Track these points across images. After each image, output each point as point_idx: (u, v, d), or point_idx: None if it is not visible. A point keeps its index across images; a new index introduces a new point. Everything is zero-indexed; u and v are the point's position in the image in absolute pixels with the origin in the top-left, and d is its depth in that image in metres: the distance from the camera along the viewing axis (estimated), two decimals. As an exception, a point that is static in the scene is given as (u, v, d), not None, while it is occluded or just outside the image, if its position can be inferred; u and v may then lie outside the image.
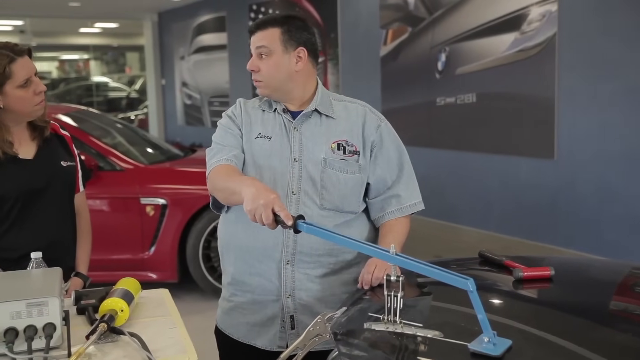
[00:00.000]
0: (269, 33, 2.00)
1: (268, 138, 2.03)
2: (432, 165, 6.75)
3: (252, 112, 2.09)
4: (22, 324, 1.45)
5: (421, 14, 6.75)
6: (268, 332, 2.04)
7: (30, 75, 2.04)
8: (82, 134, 4.91)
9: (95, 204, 4.63)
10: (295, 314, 2.01)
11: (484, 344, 1.36)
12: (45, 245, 1.98)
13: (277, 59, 1.99)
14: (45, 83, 2.12)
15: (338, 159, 2.00)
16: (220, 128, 2.09)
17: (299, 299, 2.00)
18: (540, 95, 5.56)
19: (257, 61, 2.01)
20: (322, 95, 2.08)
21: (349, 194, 2.01)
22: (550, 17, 5.39)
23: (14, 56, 2.00)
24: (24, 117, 2.08)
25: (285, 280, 1.99)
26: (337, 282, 2.01)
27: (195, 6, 11.21)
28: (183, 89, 12.04)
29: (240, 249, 2.04)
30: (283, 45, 1.99)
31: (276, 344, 2.03)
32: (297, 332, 2.00)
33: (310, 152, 2.01)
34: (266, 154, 2.01)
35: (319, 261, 1.99)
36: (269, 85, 2.02)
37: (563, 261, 2.32)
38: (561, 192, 5.52)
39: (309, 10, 8.47)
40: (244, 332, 2.07)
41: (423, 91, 6.78)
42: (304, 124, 2.04)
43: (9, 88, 2.00)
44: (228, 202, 1.97)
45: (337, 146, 2.02)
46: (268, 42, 1.99)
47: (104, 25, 16.34)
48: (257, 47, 2.00)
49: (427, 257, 4.75)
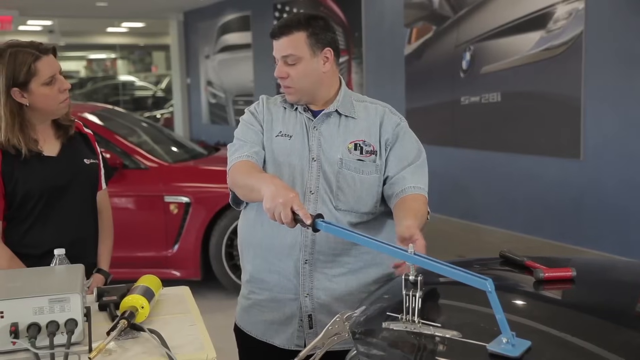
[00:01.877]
0: (294, 38, 1.94)
1: (289, 136, 2.02)
2: (456, 165, 6.71)
3: (274, 109, 2.07)
4: (45, 320, 1.47)
5: (446, 12, 6.71)
6: (286, 330, 2.04)
7: (55, 73, 2.06)
8: (107, 133, 4.97)
9: (120, 202, 4.69)
10: (313, 313, 2.00)
11: (503, 345, 1.35)
12: (68, 242, 2.01)
13: (306, 64, 1.95)
14: (73, 82, 2.17)
15: (354, 160, 1.98)
16: (242, 124, 2.08)
17: (317, 298, 1.99)
18: (567, 94, 5.50)
19: (285, 68, 1.96)
20: (345, 95, 2.05)
21: (364, 194, 1.98)
22: (577, 15, 5.32)
23: (39, 54, 2.03)
24: (49, 114, 2.11)
25: (303, 280, 1.99)
26: (355, 282, 2.00)
27: (220, 5, 11.27)
28: (208, 88, 12.11)
29: (260, 246, 2.04)
30: (310, 49, 1.95)
31: (294, 343, 2.03)
32: (316, 332, 1.99)
33: (328, 152, 1.99)
34: (286, 152, 2.01)
35: (337, 261, 1.98)
36: (299, 91, 1.99)
37: (585, 262, 2.29)
38: (587, 193, 5.45)
39: (333, 9, 8.46)
40: (262, 330, 2.08)
41: (447, 90, 6.75)
42: (323, 124, 2.02)
43: (34, 86, 2.03)
44: (248, 198, 1.98)
45: (355, 146, 2.00)
46: (294, 49, 1.94)
47: (130, 25, 16.50)
48: (283, 56, 1.95)
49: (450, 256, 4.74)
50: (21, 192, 2.05)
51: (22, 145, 2.04)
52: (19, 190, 2.05)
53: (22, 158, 2.05)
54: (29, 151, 2.06)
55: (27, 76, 2.01)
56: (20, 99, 2.04)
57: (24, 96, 2.03)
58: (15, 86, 2.02)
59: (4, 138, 2.03)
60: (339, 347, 1.65)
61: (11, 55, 2.01)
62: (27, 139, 2.05)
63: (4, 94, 2.01)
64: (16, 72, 2.00)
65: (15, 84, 2.01)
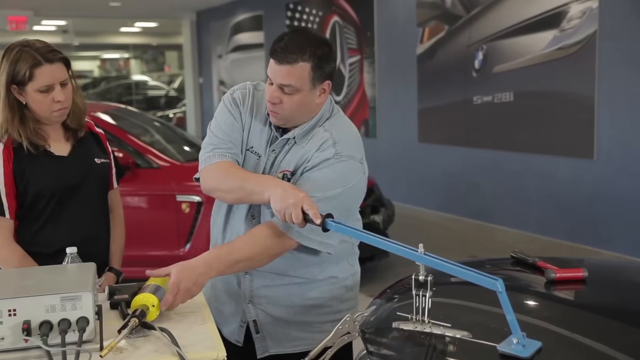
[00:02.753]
0: (298, 70, 1.80)
1: (258, 155, 1.95)
2: (469, 165, 6.69)
3: (257, 115, 1.97)
4: (57, 318, 1.48)
5: (458, 11, 6.69)
6: (232, 323, 2.07)
7: (54, 82, 2.05)
8: (120, 132, 4.99)
9: (132, 201, 4.70)
10: (257, 319, 2.03)
11: (513, 346, 1.35)
12: (80, 240, 2.03)
13: (303, 96, 1.84)
14: (86, 82, 2.17)
15: None
16: (224, 112, 1.97)
17: (259, 306, 2.01)
18: (580, 93, 5.47)
19: (280, 94, 1.84)
20: (313, 122, 1.92)
21: None
22: (591, 14, 5.29)
23: (41, 61, 2.02)
24: (43, 119, 2.11)
25: (244, 288, 2.02)
26: (296, 290, 1.99)
27: (233, 5, 11.30)
28: (220, 88, 12.14)
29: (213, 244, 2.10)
30: (311, 82, 1.83)
31: (234, 338, 2.07)
32: (263, 336, 2.03)
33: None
34: (252, 169, 1.94)
35: (280, 275, 1.98)
36: (286, 118, 1.89)
37: (598, 262, 2.27)
38: (601, 193, 5.42)
39: (345, 9, 8.46)
40: (215, 315, 2.04)
41: (460, 90, 6.72)
42: (283, 148, 1.94)
43: (29, 89, 2.04)
44: (242, 202, 1.92)
45: (282, 176, 1.91)
46: (296, 81, 1.81)
47: (143, 25, 16.56)
48: (282, 84, 1.82)
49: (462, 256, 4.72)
50: (33, 191, 2.07)
51: (23, 138, 2.05)
52: (30, 189, 2.07)
53: (28, 153, 2.06)
54: (34, 147, 2.07)
55: (23, 78, 2.03)
56: (18, 97, 2.06)
57: (21, 95, 2.06)
58: (14, 84, 2.04)
59: (2, 130, 2.06)
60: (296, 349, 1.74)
61: (17, 54, 2.03)
62: (29, 133, 2.06)
63: (4, 88, 2.04)
64: (15, 70, 2.02)
65: (14, 82, 2.04)
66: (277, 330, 2.02)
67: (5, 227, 2.06)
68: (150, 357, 1.48)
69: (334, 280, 2.03)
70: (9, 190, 2.04)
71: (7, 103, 2.05)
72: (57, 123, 2.15)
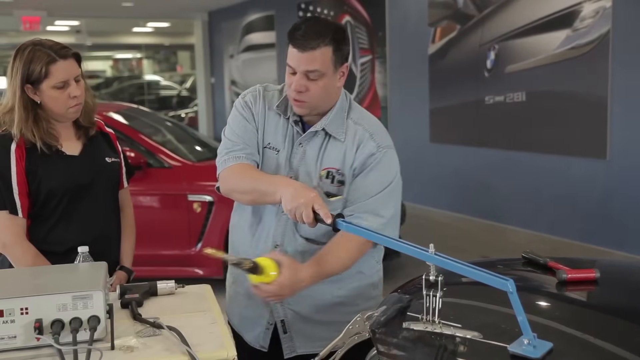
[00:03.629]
0: (321, 54, 1.83)
1: (276, 150, 1.96)
2: (481, 165, 6.67)
3: (269, 113, 1.98)
4: (68, 316, 1.49)
5: (470, 11, 6.67)
6: (255, 329, 2.06)
7: (69, 78, 2.08)
8: (132, 132, 5.01)
9: (144, 201, 4.73)
10: (286, 319, 2.02)
11: (524, 346, 1.34)
12: (91, 239, 2.03)
13: (327, 80, 1.86)
14: (99, 82, 2.19)
15: (327, 185, 1.92)
16: (237, 117, 1.99)
17: (289, 305, 2.00)
18: (593, 93, 5.43)
19: (306, 82, 1.85)
20: (337, 111, 1.95)
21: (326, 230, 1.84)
22: (604, 14, 5.26)
23: (56, 57, 2.05)
24: (58, 117, 2.13)
25: None
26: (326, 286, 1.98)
27: (244, 5, 11.32)
28: (232, 87, 12.16)
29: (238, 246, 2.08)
30: (334, 66, 1.86)
31: (259, 343, 2.05)
32: (291, 336, 2.03)
33: (306, 174, 1.94)
34: (273, 167, 1.96)
35: None
36: (312, 106, 1.90)
37: (610, 263, 2.26)
38: (614, 193, 5.38)
39: (357, 9, 8.45)
40: (238, 321, 2.09)
41: (472, 89, 6.70)
42: (310, 142, 1.95)
43: (45, 86, 2.06)
44: (256, 203, 1.93)
45: (327, 174, 1.92)
46: (321, 66, 1.83)
47: (156, 25, 16.64)
48: (307, 70, 1.84)
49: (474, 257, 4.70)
50: (45, 190, 2.08)
51: (37, 139, 2.07)
52: (42, 188, 2.08)
53: (41, 152, 2.07)
54: (47, 147, 2.08)
55: (39, 76, 2.04)
56: (33, 96, 2.08)
57: (36, 94, 2.07)
58: (29, 83, 2.06)
59: (17, 130, 2.07)
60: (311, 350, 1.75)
61: (29, 53, 2.05)
62: (42, 133, 2.08)
63: (19, 88, 2.06)
64: (30, 70, 2.04)
65: (29, 81, 2.05)
66: (306, 328, 2.02)
67: (18, 225, 2.08)
68: (161, 356, 1.48)
69: (361, 276, 2.03)
70: (22, 189, 2.06)
71: (22, 103, 2.06)
72: (71, 120, 2.17)
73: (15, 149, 2.06)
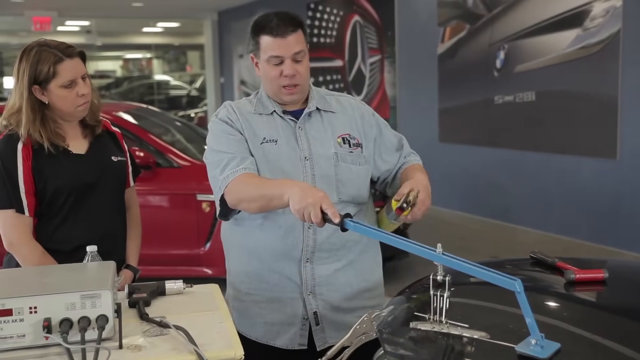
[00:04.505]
0: (299, 35, 1.99)
1: (274, 141, 2.00)
2: (490, 165, 6.65)
3: (250, 117, 2.04)
4: (77, 315, 1.49)
5: (480, 11, 6.65)
6: (289, 330, 2.03)
7: (76, 77, 2.09)
8: (141, 131, 5.02)
9: (153, 200, 4.74)
10: (318, 310, 2.02)
11: (532, 347, 1.34)
12: (98, 238, 2.04)
13: (307, 59, 2.02)
14: (109, 82, 2.20)
15: (347, 152, 2.03)
16: (219, 135, 2.02)
17: (320, 295, 2.01)
18: (603, 93, 5.41)
19: (296, 66, 1.98)
20: (317, 92, 2.10)
21: (362, 185, 2.05)
22: (615, 13, 5.23)
23: (62, 57, 2.06)
24: (66, 116, 2.14)
25: (305, 278, 2.00)
26: (352, 273, 2.05)
27: (254, 5, 11.33)
28: (241, 87, 12.19)
29: (257, 248, 2.03)
30: (307, 45, 2.03)
31: (297, 342, 2.04)
32: (322, 328, 2.03)
33: (320, 149, 2.01)
34: (275, 157, 1.98)
35: (336, 255, 2.02)
36: (302, 89, 2.03)
37: (619, 264, 2.25)
38: (624, 193, 5.36)
39: (366, 8, 8.45)
40: (262, 333, 2.06)
41: (481, 89, 6.68)
42: (307, 123, 2.05)
43: (53, 86, 2.07)
44: (264, 209, 1.93)
45: (343, 140, 2.05)
46: (303, 46, 1.99)
47: (165, 25, 16.68)
48: (295, 53, 1.96)
49: (483, 257, 4.68)
50: (51, 189, 2.09)
51: (44, 139, 2.08)
52: (49, 187, 2.09)
53: (47, 152, 2.08)
54: (54, 147, 2.09)
55: (47, 76, 2.05)
56: (40, 97, 2.09)
57: (43, 94, 2.08)
58: (36, 84, 2.07)
59: (24, 131, 2.08)
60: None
61: (36, 54, 2.06)
62: (50, 134, 2.09)
63: (27, 89, 2.07)
64: (37, 70, 2.05)
65: (36, 82, 2.06)
66: (336, 318, 2.03)
67: (25, 224, 2.09)
68: (168, 355, 1.49)
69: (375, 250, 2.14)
70: (28, 188, 2.07)
71: (29, 104, 2.07)
72: (79, 118, 2.18)
73: (22, 149, 2.07)
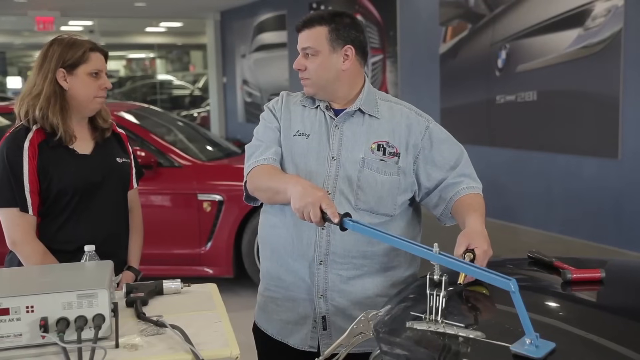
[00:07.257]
0: (315, 32, 1.96)
1: (306, 135, 2.01)
2: (492, 164, 6.64)
3: (293, 107, 2.06)
4: (73, 314, 1.49)
5: (481, 10, 6.65)
6: (300, 330, 2.02)
7: (102, 69, 2.18)
8: (142, 131, 5.03)
9: (155, 200, 4.75)
10: (327, 314, 1.98)
11: (526, 346, 1.33)
12: (101, 239, 2.05)
13: (324, 58, 1.96)
14: (112, 81, 2.24)
15: (377, 160, 1.96)
16: (262, 122, 2.09)
17: (332, 300, 1.97)
18: (605, 92, 5.40)
19: (303, 60, 1.99)
20: (368, 94, 2.03)
21: (385, 195, 1.95)
22: (616, 12, 5.22)
23: (95, 47, 2.17)
24: (82, 106, 2.16)
25: (317, 281, 1.97)
26: (371, 285, 1.98)
27: (256, 5, 11.34)
28: (244, 87, 12.19)
29: (278, 245, 2.03)
30: (330, 45, 1.95)
31: (307, 344, 2.01)
32: (330, 333, 1.99)
33: (350, 151, 1.97)
34: (303, 151, 1.99)
35: (352, 262, 1.95)
36: (315, 84, 1.99)
37: (616, 263, 2.24)
38: (626, 193, 5.35)
39: (368, 8, 8.45)
40: (278, 329, 2.06)
41: (483, 89, 6.68)
42: (346, 123, 2.00)
43: (80, 71, 2.13)
44: (272, 201, 1.98)
45: (377, 146, 1.97)
46: (314, 43, 1.96)
47: (168, 25, 16.70)
48: (303, 48, 1.98)
49: (484, 257, 4.63)
50: (56, 188, 2.10)
51: (60, 126, 2.10)
52: (53, 187, 2.10)
53: (53, 151, 2.10)
54: (60, 143, 2.11)
55: (78, 60, 2.12)
56: (62, 82, 2.12)
57: (65, 80, 2.11)
58: (63, 67, 2.11)
59: (39, 114, 2.09)
60: (361, 349, 1.66)
61: (69, 40, 2.15)
62: (65, 124, 2.11)
63: (52, 72, 2.11)
64: (70, 53, 2.11)
65: (64, 65, 2.11)
66: (343, 323, 1.94)
67: (28, 223, 2.09)
68: (164, 354, 1.49)
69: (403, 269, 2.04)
70: (33, 187, 2.08)
71: (52, 87, 2.11)
72: (92, 111, 2.20)
73: (28, 147, 2.08)
